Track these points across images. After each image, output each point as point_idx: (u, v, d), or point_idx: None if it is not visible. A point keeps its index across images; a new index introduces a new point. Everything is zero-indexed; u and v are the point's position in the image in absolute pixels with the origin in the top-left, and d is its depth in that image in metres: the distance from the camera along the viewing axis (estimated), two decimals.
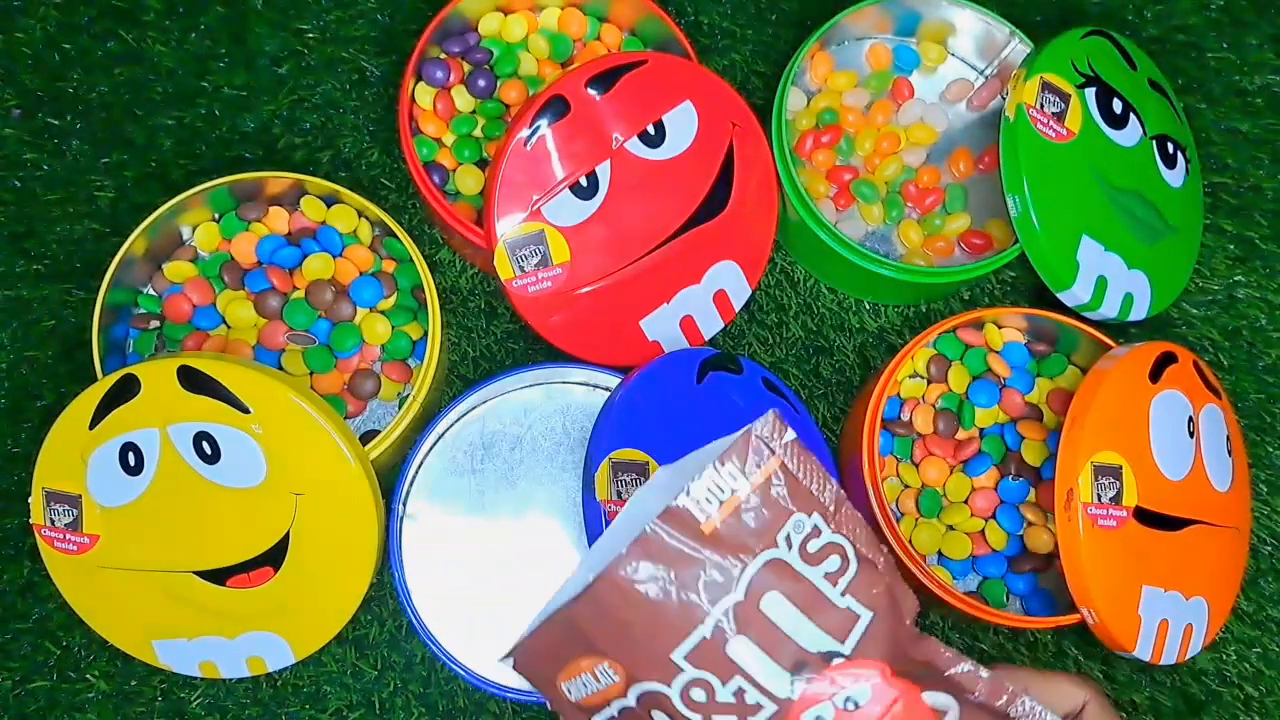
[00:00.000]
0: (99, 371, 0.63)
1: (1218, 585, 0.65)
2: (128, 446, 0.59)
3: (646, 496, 0.50)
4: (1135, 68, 0.72)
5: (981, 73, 0.76)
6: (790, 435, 0.45)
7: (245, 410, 0.58)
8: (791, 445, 0.45)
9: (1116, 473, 0.61)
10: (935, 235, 0.73)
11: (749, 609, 0.44)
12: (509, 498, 0.65)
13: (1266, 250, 0.77)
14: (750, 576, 0.44)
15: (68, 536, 0.60)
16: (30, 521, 0.60)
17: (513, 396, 0.67)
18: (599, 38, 0.73)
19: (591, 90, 0.65)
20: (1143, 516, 0.62)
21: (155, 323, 0.67)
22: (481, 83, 0.70)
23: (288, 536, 0.59)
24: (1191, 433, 0.65)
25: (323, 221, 0.68)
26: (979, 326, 0.70)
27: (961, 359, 0.70)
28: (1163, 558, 0.62)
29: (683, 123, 0.67)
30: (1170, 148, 0.72)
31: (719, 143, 0.68)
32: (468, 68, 0.71)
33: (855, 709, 0.43)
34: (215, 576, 0.60)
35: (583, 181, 0.65)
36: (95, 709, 0.65)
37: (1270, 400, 0.74)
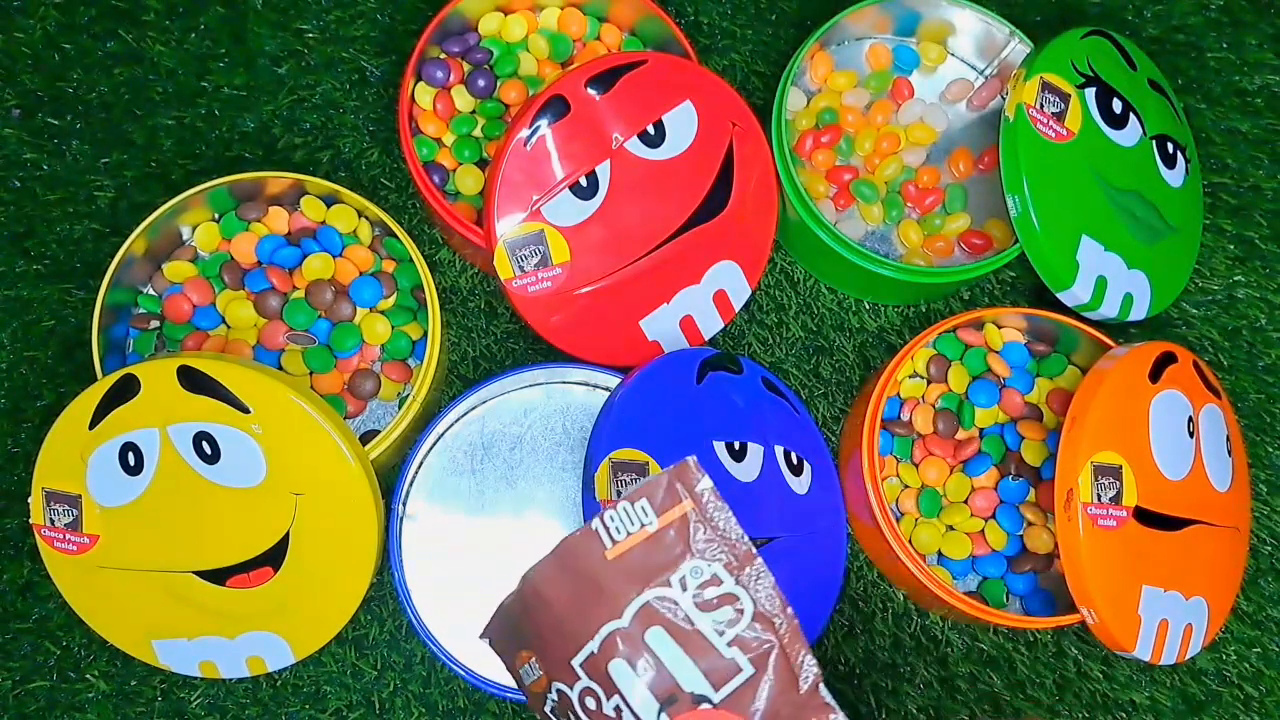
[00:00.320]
0: (99, 371, 0.63)
1: (1217, 585, 0.65)
2: (128, 446, 0.59)
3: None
4: (1135, 68, 0.72)
5: (981, 73, 0.76)
6: (706, 484, 0.48)
7: (245, 410, 0.58)
8: (706, 493, 0.48)
9: (1116, 473, 0.61)
10: (935, 235, 0.73)
11: (633, 636, 0.48)
12: (509, 498, 0.65)
13: (1266, 250, 0.77)
14: (638, 607, 0.48)
15: (68, 536, 0.60)
16: (30, 521, 0.60)
17: (512, 396, 0.67)
18: (599, 38, 0.73)
19: (591, 90, 0.65)
20: (1143, 516, 0.62)
21: (155, 323, 0.67)
22: (481, 83, 0.70)
23: (288, 536, 0.59)
24: (1191, 433, 0.65)
25: (323, 221, 0.68)
26: (979, 326, 0.70)
27: (961, 359, 0.70)
28: (1163, 558, 0.62)
29: (683, 123, 0.67)
30: (1170, 148, 0.72)
31: (719, 143, 0.68)
32: (468, 68, 0.71)
33: None
34: (215, 576, 0.60)
35: (583, 181, 0.65)
36: (95, 709, 0.65)
37: (1270, 400, 0.74)
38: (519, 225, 0.64)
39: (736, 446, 0.64)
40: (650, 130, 0.66)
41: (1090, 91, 0.69)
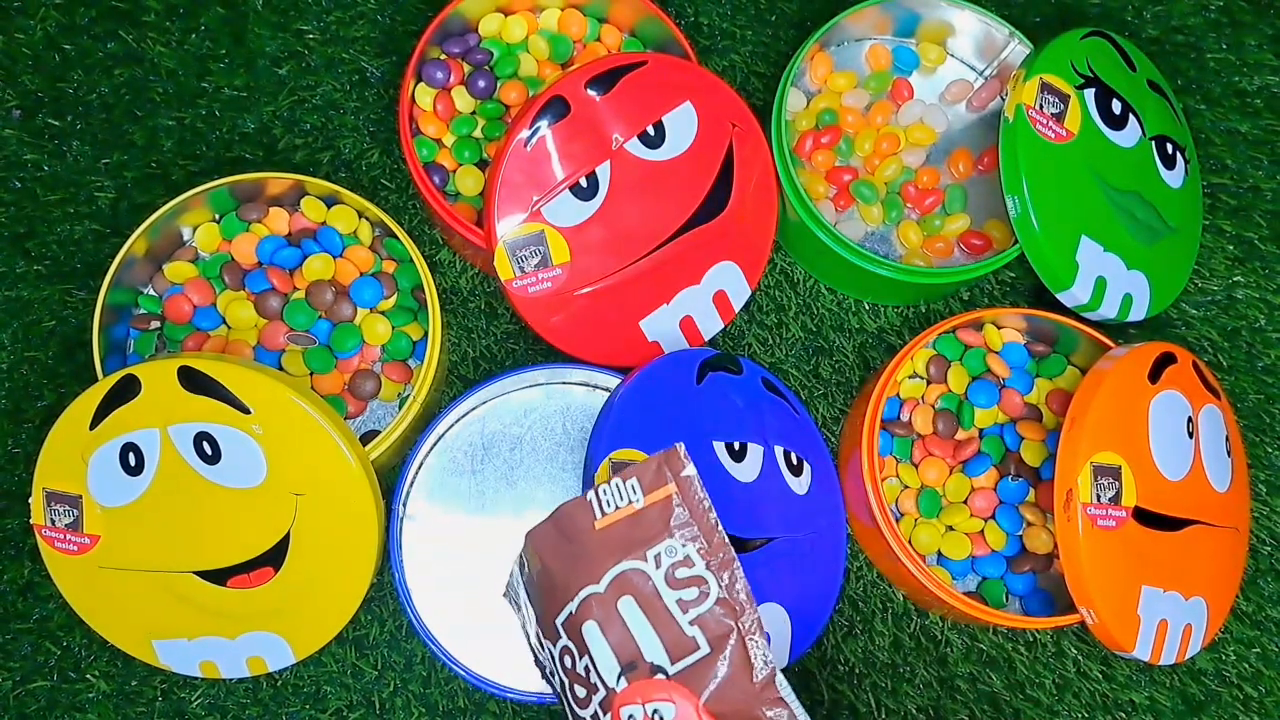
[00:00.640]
0: (99, 372, 0.63)
1: (1217, 585, 0.65)
2: (128, 447, 0.59)
3: None
4: (1134, 68, 0.72)
5: (981, 74, 0.76)
6: (689, 470, 0.53)
7: (245, 410, 0.58)
8: (689, 479, 0.52)
9: (1116, 473, 0.61)
10: (935, 236, 0.73)
11: (607, 602, 0.52)
12: (509, 498, 0.65)
13: (1265, 251, 0.77)
14: (614, 575, 0.52)
15: (68, 537, 0.60)
16: (31, 521, 0.60)
17: (513, 397, 0.67)
18: (599, 39, 0.73)
19: (591, 91, 0.65)
20: (1142, 517, 0.62)
21: (156, 323, 0.67)
22: (481, 83, 0.70)
23: (288, 537, 0.59)
24: (1191, 433, 0.65)
25: (323, 222, 0.68)
26: (978, 327, 0.70)
27: (961, 359, 0.70)
28: (1162, 558, 0.62)
29: (682, 123, 0.67)
30: (1169, 148, 0.72)
31: (719, 143, 0.68)
32: (468, 68, 0.71)
33: None
34: (215, 577, 0.60)
35: (583, 182, 0.65)
36: (95, 709, 0.65)
37: (1269, 400, 0.74)
38: (519, 226, 0.64)
39: (736, 447, 0.64)
40: (650, 131, 0.66)
41: (1090, 92, 0.69)
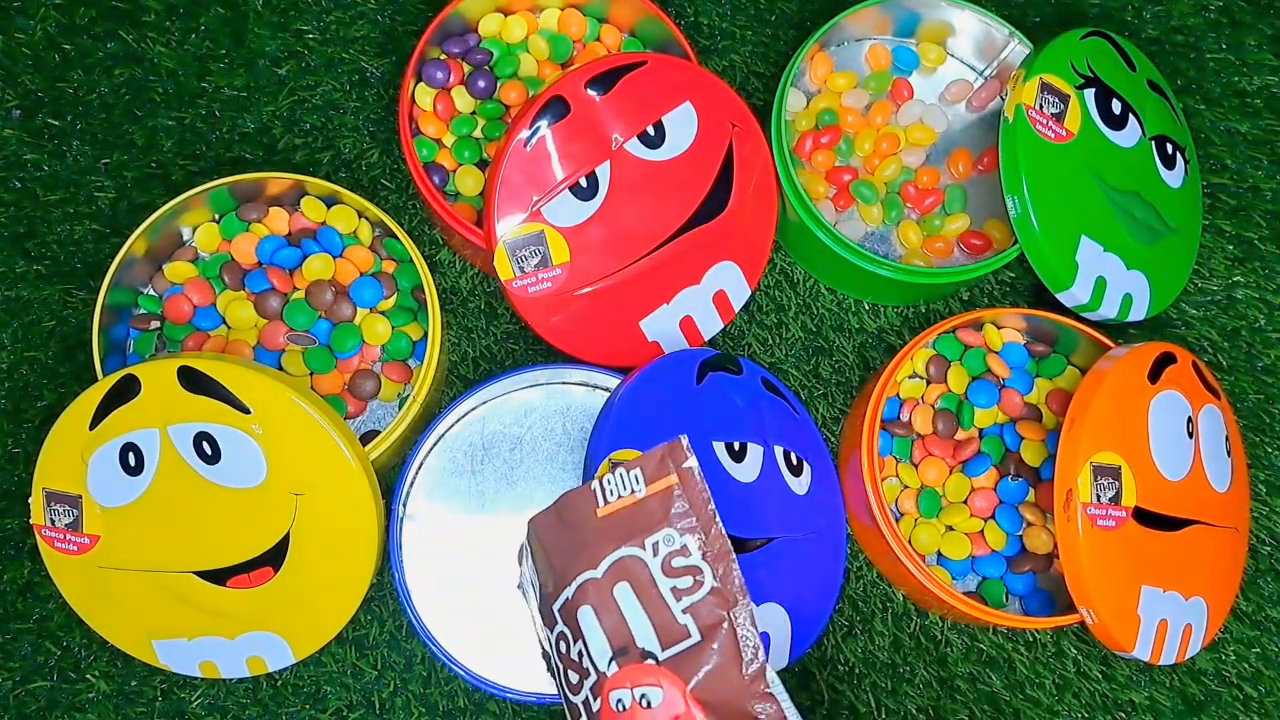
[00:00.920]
0: (99, 372, 0.63)
1: (1217, 585, 0.65)
2: (128, 447, 0.59)
3: None
4: (1134, 69, 0.72)
5: (981, 74, 0.76)
6: (691, 462, 0.53)
7: (245, 410, 0.58)
8: (689, 471, 0.53)
9: (1115, 473, 0.61)
10: (934, 236, 0.73)
11: (603, 588, 0.52)
12: (509, 498, 0.65)
13: (1265, 251, 0.77)
14: (611, 561, 0.53)
15: (68, 537, 0.60)
16: (30, 522, 0.60)
17: (513, 397, 0.67)
18: (599, 39, 0.73)
19: (591, 91, 0.65)
20: (1142, 517, 0.62)
21: (155, 323, 0.67)
22: (481, 83, 0.70)
23: (288, 537, 0.59)
24: (1190, 433, 0.65)
25: (323, 222, 0.68)
26: (978, 327, 0.70)
27: (961, 359, 0.70)
28: (1162, 558, 0.62)
29: (682, 124, 0.67)
30: (1169, 148, 0.72)
31: (718, 144, 0.68)
32: (468, 69, 0.72)
33: (648, 706, 0.50)
34: (215, 577, 0.60)
35: (582, 182, 0.65)
36: (95, 709, 0.65)
37: (1269, 401, 0.74)
38: (519, 226, 0.64)
39: (736, 447, 0.64)
40: (650, 131, 0.66)
41: (1089, 92, 0.69)
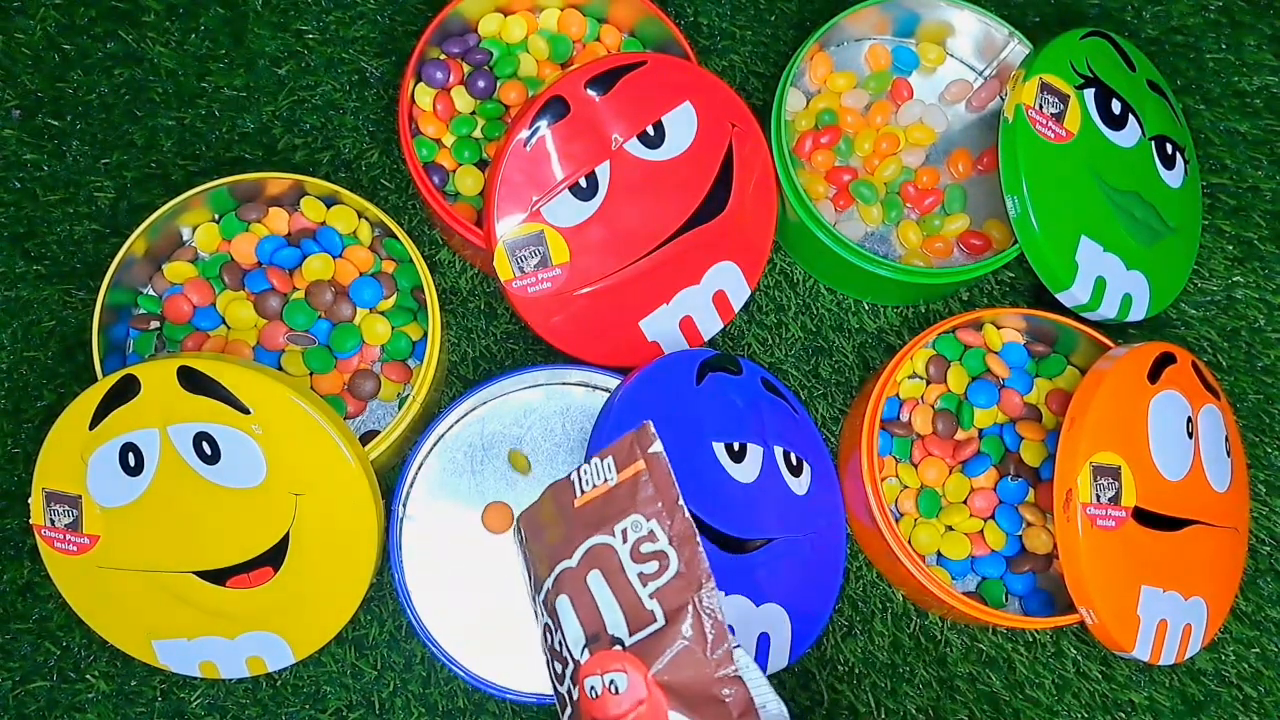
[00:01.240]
0: (99, 372, 0.63)
1: (1216, 585, 0.65)
2: (128, 447, 0.59)
3: None
4: (1134, 69, 0.72)
5: (980, 74, 0.76)
6: (657, 448, 0.53)
7: (245, 410, 0.58)
8: (656, 456, 0.53)
9: (1115, 473, 0.61)
10: (934, 236, 0.73)
11: (578, 577, 0.53)
12: (509, 498, 0.65)
13: (1265, 251, 0.77)
14: (585, 550, 0.53)
15: (68, 537, 0.60)
16: (30, 522, 0.60)
17: (512, 397, 0.67)
18: (599, 39, 0.73)
19: (591, 91, 0.65)
20: (1141, 517, 0.62)
21: (155, 323, 0.67)
22: (481, 84, 0.70)
23: (288, 537, 0.59)
24: (1190, 433, 0.65)
25: (322, 222, 0.68)
26: (978, 327, 0.70)
27: (960, 359, 0.70)
28: (1162, 558, 0.62)
29: (682, 124, 0.67)
30: (1169, 148, 0.72)
31: (718, 144, 0.68)
32: (467, 69, 0.72)
33: (616, 692, 0.50)
34: (215, 577, 0.60)
35: (582, 182, 0.65)
36: (95, 709, 0.65)
37: (1268, 401, 0.74)
38: (519, 226, 0.64)
39: (736, 447, 0.64)
40: (650, 131, 0.66)
41: (1089, 92, 0.69)
